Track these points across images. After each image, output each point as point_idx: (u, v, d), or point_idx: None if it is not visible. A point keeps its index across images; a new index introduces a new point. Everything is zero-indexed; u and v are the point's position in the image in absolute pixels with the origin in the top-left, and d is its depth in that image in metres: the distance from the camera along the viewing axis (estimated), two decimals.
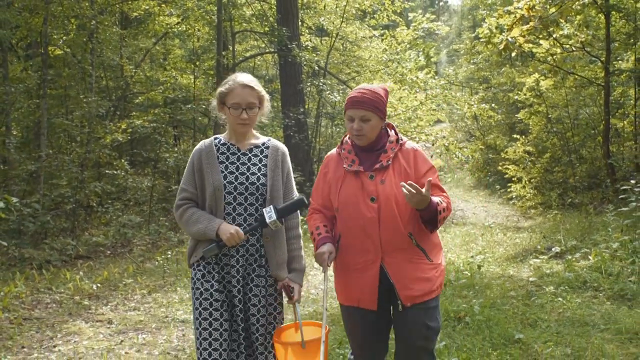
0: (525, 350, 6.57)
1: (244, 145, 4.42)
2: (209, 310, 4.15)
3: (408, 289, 4.13)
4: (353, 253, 4.26)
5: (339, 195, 4.31)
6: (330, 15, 23.47)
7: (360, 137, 4.26)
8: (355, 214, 4.20)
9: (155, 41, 22.16)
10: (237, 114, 4.26)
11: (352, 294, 4.32)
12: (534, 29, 14.86)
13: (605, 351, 6.38)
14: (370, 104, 4.19)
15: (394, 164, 4.26)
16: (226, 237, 4.08)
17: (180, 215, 4.32)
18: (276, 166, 4.41)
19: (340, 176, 4.35)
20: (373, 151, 4.33)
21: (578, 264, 10.23)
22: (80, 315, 8.93)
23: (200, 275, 4.25)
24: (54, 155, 15.83)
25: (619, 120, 19.14)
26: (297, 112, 19.31)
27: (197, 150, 4.40)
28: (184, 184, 4.36)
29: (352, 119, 4.24)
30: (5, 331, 8.08)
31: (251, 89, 4.30)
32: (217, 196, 4.24)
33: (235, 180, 4.27)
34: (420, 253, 4.19)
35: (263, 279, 4.29)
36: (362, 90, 4.26)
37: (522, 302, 8.50)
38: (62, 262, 12.39)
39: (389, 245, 4.15)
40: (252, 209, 4.28)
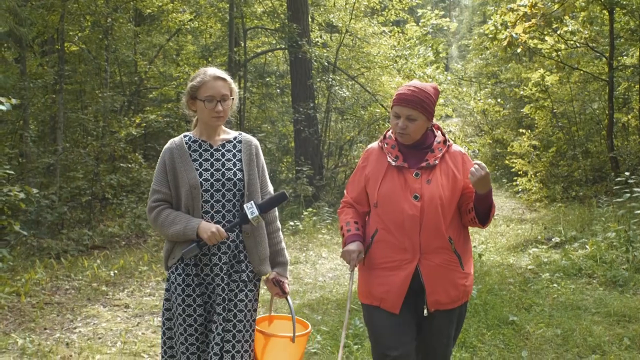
0: (518, 331, 7.01)
1: (216, 141, 4.31)
2: (194, 316, 4.06)
3: (437, 294, 4.02)
4: (388, 250, 4.11)
5: (379, 189, 4.15)
6: (339, 12, 23.77)
7: (404, 135, 4.12)
8: (396, 210, 4.06)
9: (168, 37, 22.53)
10: (212, 106, 4.14)
11: (374, 293, 4.16)
12: (537, 25, 15.24)
13: (593, 332, 6.82)
14: (419, 104, 4.05)
15: (441, 164, 4.13)
16: (207, 236, 3.98)
17: (155, 218, 4.18)
18: (251, 160, 4.31)
19: (382, 170, 4.19)
20: (418, 149, 4.19)
21: (575, 253, 10.63)
22: (98, 300, 9.38)
23: (181, 280, 4.10)
24: (70, 149, 16.28)
25: (623, 115, 19.43)
26: (307, 107, 19.62)
27: (168, 149, 4.25)
28: (156, 185, 4.22)
29: (398, 116, 4.11)
30: (28, 314, 8.53)
31: (223, 80, 4.21)
32: (193, 195, 4.12)
33: (211, 177, 4.17)
34: (456, 260, 4.06)
35: (244, 274, 4.16)
36: (412, 88, 4.11)
37: (519, 288, 8.94)
38: (79, 251, 12.80)
39: (428, 246, 4.02)
40: (230, 205, 4.18)
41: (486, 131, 31.31)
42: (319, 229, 15.38)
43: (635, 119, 18.83)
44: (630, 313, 7.41)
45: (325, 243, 13.73)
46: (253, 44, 24.81)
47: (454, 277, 4.06)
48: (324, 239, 14.27)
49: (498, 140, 28.75)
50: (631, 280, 8.73)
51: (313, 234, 14.82)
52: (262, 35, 24.95)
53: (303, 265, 11.77)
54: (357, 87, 22.64)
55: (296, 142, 20.64)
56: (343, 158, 23.24)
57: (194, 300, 4.07)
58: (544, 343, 6.64)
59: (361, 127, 23.20)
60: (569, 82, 21.00)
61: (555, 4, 14.99)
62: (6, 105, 8.60)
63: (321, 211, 16.93)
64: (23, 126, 15.67)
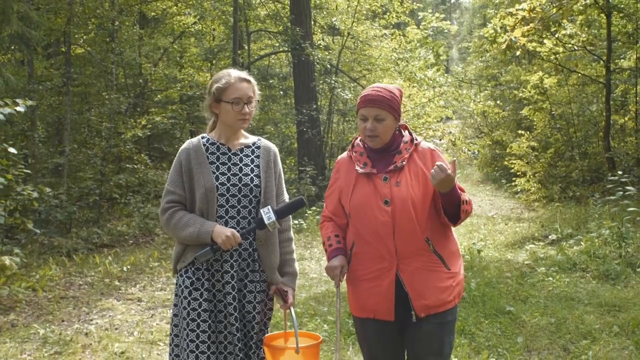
0: (514, 320, 7.39)
1: (235, 145, 4.21)
2: (197, 321, 3.94)
3: (423, 299, 3.86)
4: (366, 261, 3.98)
5: (351, 199, 4.03)
6: (342, 15, 24.12)
7: (374, 138, 3.99)
8: (368, 219, 3.93)
9: (172, 40, 22.88)
10: (239, 108, 4.05)
11: (367, 306, 4.02)
12: (535, 29, 15.60)
13: (584, 320, 7.20)
14: (386, 103, 3.94)
15: (409, 165, 3.98)
16: (221, 240, 3.86)
17: (168, 219, 4.06)
18: (268, 167, 4.22)
19: (352, 180, 4.07)
20: (386, 153, 4.05)
21: (571, 249, 11.03)
22: (111, 294, 9.75)
23: (189, 282, 3.99)
24: (77, 150, 16.66)
25: (620, 117, 19.75)
26: (309, 109, 19.93)
27: (185, 150, 4.15)
28: (171, 185, 4.10)
29: (366, 118, 3.98)
30: (45, 308, 8.92)
31: (248, 82, 4.14)
32: (209, 198, 4.02)
33: (228, 181, 4.06)
34: (438, 260, 3.90)
35: (257, 284, 4.07)
36: (377, 89, 4.01)
37: (516, 281, 9.32)
38: (88, 250, 13.15)
39: (404, 251, 3.87)
40: (245, 212, 4.08)
41: (486, 133, 31.60)
42: None
43: (632, 121, 19.15)
44: (620, 303, 7.80)
45: None
46: (257, 47, 25.15)
47: (439, 278, 3.89)
48: None
49: (497, 141, 29.04)
50: (623, 273, 9.13)
51: (316, 232, 15.18)
52: (266, 38, 25.30)
53: (308, 262, 12.16)
54: (359, 89, 22.96)
55: (299, 143, 20.97)
56: None
57: (199, 304, 3.96)
58: (538, 330, 7.02)
59: None
60: (567, 85, 21.31)
61: (554, 8, 15.30)
62: (22, 106, 8.94)
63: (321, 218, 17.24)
64: (31, 127, 16.03)
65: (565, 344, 6.61)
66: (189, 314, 3.94)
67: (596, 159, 20.02)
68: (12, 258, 8.99)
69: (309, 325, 7.64)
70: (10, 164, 10.02)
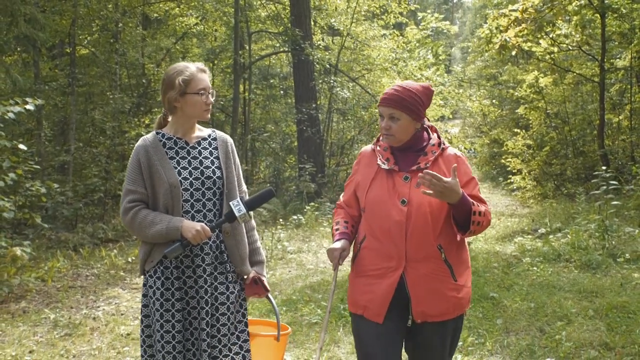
0: (496, 305, 7.86)
1: (191, 138, 4.15)
2: (172, 322, 3.87)
3: (423, 305, 3.79)
4: (374, 257, 3.90)
5: (367, 193, 3.97)
6: (341, 16, 24.52)
7: (389, 136, 3.95)
8: (382, 216, 3.86)
9: (175, 41, 23.28)
10: (205, 99, 4.02)
11: (359, 301, 3.96)
12: (528, 30, 16.01)
13: (562, 305, 7.67)
14: (400, 103, 3.86)
15: (433, 168, 3.85)
16: (192, 235, 3.80)
17: (132, 219, 3.92)
18: (227, 158, 4.19)
19: (372, 174, 4.01)
20: (411, 152, 3.98)
21: (558, 241, 11.49)
22: (117, 284, 10.21)
23: (160, 284, 3.90)
24: (83, 148, 17.13)
25: (615, 116, 20.15)
26: (309, 108, 20.36)
27: (141, 146, 4.04)
28: (131, 184, 3.98)
29: (382, 116, 3.96)
30: (54, 296, 9.39)
31: (205, 72, 4.12)
32: (174, 194, 3.93)
33: (190, 175, 4.00)
34: (446, 270, 3.80)
35: (228, 275, 4.06)
36: (396, 87, 3.94)
37: (502, 271, 9.78)
38: (94, 244, 13.57)
39: (414, 254, 3.78)
40: (210, 205, 4.04)
41: (485, 132, 31.97)
42: (321, 222, 16.18)
43: (627, 120, 19.53)
44: (597, 290, 8.24)
45: (326, 235, 14.48)
46: (257, 47, 25.52)
47: (443, 288, 3.80)
48: (325, 231, 15.05)
49: (495, 140, 29.44)
50: (604, 263, 9.59)
51: (315, 227, 15.64)
52: (266, 38, 25.67)
53: (305, 254, 12.62)
54: (358, 88, 23.44)
55: (299, 142, 21.40)
56: (344, 157, 24.07)
57: (172, 305, 3.89)
58: (518, 314, 7.47)
59: (362, 127, 23.98)
60: (562, 84, 21.72)
61: (547, 9, 15.69)
62: (31, 105, 9.38)
63: (323, 206, 17.69)
64: (37, 126, 16.47)
65: (542, 325, 7.06)
66: (162, 316, 3.87)
67: (590, 157, 20.40)
68: (23, 249, 9.43)
69: (304, 310, 8.13)
70: (20, 160, 10.45)
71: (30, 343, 7.14)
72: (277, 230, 14.53)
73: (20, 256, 9.26)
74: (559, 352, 6.17)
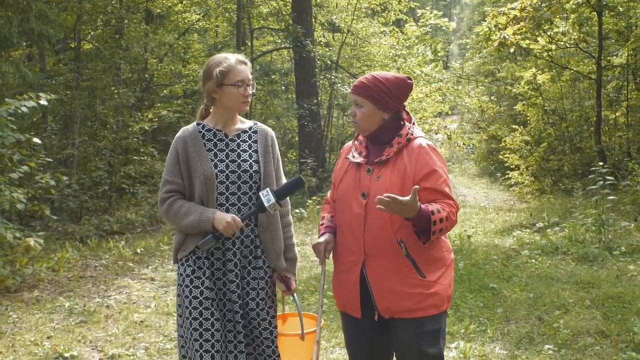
0: (496, 295, 8.16)
1: (231, 130, 4.14)
2: (199, 309, 3.87)
3: (385, 300, 3.77)
4: (341, 252, 3.96)
5: (338, 187, 4.04)
6: (342, 13, 24.77)
7: (354, 124, 4.01)
8: (346, 210, 3.91)
9: (177, 36, 23.49)
10: (243, 91, 4.00)
11: (339, 297, 4.04)
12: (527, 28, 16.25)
13: (560, 295, 7.96)
14: (364, 90, 3.87)
15: (395, 159, 3.84)
16: (223, 227, 3.81)
17: (168, 209, 4.00)
18: (267, 152, 4.17)
19: (344, 167, 4.06)
20: (380, 143, 3.97)
21: (555, 235, 11.78)
22: (126, 274, 10.48)
23: (190, 271, 3.94)
24: (88, 142, 17.38)
25: (611, 112, 20.38)
26: (310, 103, 20.62)
27: (181, 137, 4.08)
28: (168, 175, 4.04)
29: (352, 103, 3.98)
30: (66, 285, 9.67)
31: (246, 64, 4.10)
32: (208, 186, 3.95)
33: (227, 168, 4.00)
34: (409, 265, 3.73)
35: (261, 271, 4.06)
36: (366, 76, 3.97)
37: (501, 263, 10.06)
38: (100, 236, 13.81)
39: (372, 248, 3.78)
40: (246, 198, 4.03)
41: (483, 128, 32.20)
42: None
43: (624, 116, 19.77)
44: (594, 281, 8.54)
45: None
46: (259, 43, 25.73)
47: (406, 283, 3.74)
48: None
49: (493, 136, 29.68)
50: (600, 256, 9.87)
51: (316, 220, 15.90)
52: (268, 35, 25.90)
53: (308, 247, 12.89)
54: None
55: (300, 137, 21.67)
56: None
57: (201, 292, 3.90)
58: (517, 304, 7.76)
59: None
60: (560, 81, 21.96)
61: (545, 7, 15.90)
62: (44, 100, 9.62)
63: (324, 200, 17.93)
64: (43, 120, 16.71)
65: (541, 314, 7.35)
66: (191, 302, 3.88)
67: (587, 153, 20.63)
68: (36, 240, 9.69)
69: (310, 299, 8.43)
70: (30, 153, 10.70)
71: (48, 329, 7.41)
72: None
73: (33, 246, 9.51)
74: (557, 339, 6.46)
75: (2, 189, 9.22)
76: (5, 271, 9.31)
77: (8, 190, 9.26)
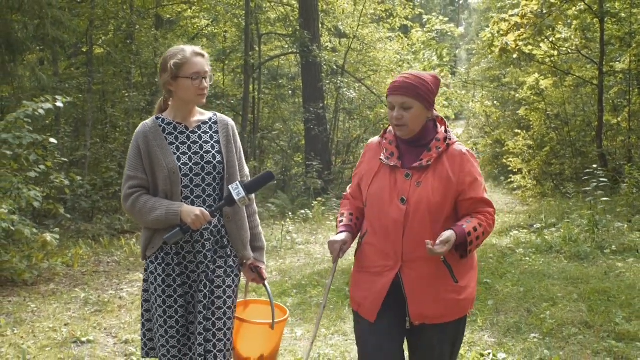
0: (489, 289, 8.59)
1: (191, 122, 4.08)
2: (175, 307, 3.89)
3: (420, 307, 3.72)
4: (372, 254, 3.84)
5: (369, 188, 3.88)
6: (348, 19, 25.18)
7: (401, 127, 3.78)
8: (381, 213, 3.78)
9: (186, 41, 23.87)
10: (199, 84, 3.92)
11: (355, 297, 3.95)
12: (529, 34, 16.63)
13: (549, 290, 8.38)
14: (413, 90, 3.71)
15: (435, 165, 3.76)
16: (191, 220, 3.75)
17: (133, 205, 3.91)
18: (228, 142, 4.12)
19: (375, 168, 3.92)
20: (416, 146, 3.85)
21: (551, 235, 12.20)
22: (137, 270, 10.90)
23: (161, 270, 3.91)
24: (99, 144, 17.85)
25: (613, 117, 20.69)
26: (317, 107, 21.07)
27: (141, 132, 3.99)
28: (131, 170, 3.95)
29: (393, 106, 3.79)
30: (81, 279, 10.13)
31: (203, 56, 4.00)
32: (172, 180, 3.89)
33: (190, 161, 3.95)
34: (446, 270, 3.71)
35: (228, 259, 4.04)
36: (406, 75, 3.79)
37: (496, 260, 10.49)
38: (111, 235, 14.22)
39: (411, 254, 3.70)
40: (210, 189, 4.00)
41: (488, 132, 32.48)
42: (327, 217, 16.92)
43: (625, 122, 20.05)
44: (584, 277, 8.95)
45: (332, 228, 15.06)
46: (267, 48, 26.05)
47: (441, 290, 3.72)
48: (331, 224, 15.74)
49: (498, 140, 29.97)
50: (592, 254, 10.30)
51: (321, 221, 16.39)
52: (276, 40, 26.23)
53: (313, 245, 13.37)
54: (364, 89, 24.10)
55: (306, 140, 22.08)
56: (350, 155, 24.76)
57: (174, 290, 3.90)
58: (508, 297, 8.19)
59: (367, 126, 24.59)
60: (562, 86, 22.28)
61: (547, 15, 16.26)
62: (59, 102, 10.06)
63: (329, 202, 18.37)
64: (55, 122, 17.17)
65: (530, 307, 7.76)
66: (164, 302, 3.88)
67: (589, 157, 20.88)
68: (52, 235, 10.14)
69: (312, 292, 8.88)
70: (46, 154, 11.14)
71: (65, 317, 7.89)
72: (287, 223, 15.23)
73: (50, 241, 9.96)
74: (543, 329, 6.88)
75: (20, 187, 9.67)
76: (23, 265, 9.76)
77: (26, 189, 9.71)
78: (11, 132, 9.39)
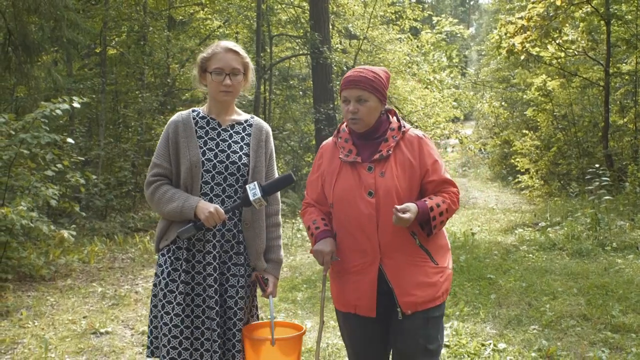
0: (492, 284, 8.88)
1: (225, 120, 3.98)
2: (173, 304, 3.72)
3: (409, 295, 3.69)
4: (349, 254, 3.80)
5: (334, 189, 3.85)
6: (358, 20, 25.39)
7: (356, 120, 3.78)
8: (352, 211, 3.75)
9: (199, 42, 24.17)
10: (220, 79, 3.82)
11: (348, 300, 3.85)
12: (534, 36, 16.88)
13: (550, 285, 8.67)
14: (367, 84, 3.74)
15: (395, 153, 3.78)
16: (205, 216, 3.63)
17: (152, 193, 3.85)
18: (259, 146, 3.98)
19: (336, 168, 3.89)
20: (372, 140, 3.86)
21: (555, 233, 12.48)
22: (151, 266, 11.22)
23: (170, 263, 3.80)
24: (113, 144, 18.17)
25: (619, 118, 20.87)
26: (327, 108, 21.28)
27: (173, 122, 3.92)
28: (157, 158, 3.88)
29: (348, 100, 3.78)
30: (97, 275, 10.45)
31: (235, 53, 3.88)
32: (193, 173, 3.81)
33: (215, 157, 3.84)
34: (424, 254, 3.73)
35: (241, 268, 3.88)
36: (359, 69, 3.82)
37: (500, 257, 10.79)
38: (125, 233, 14.55)
39: (388, 245, 3.71)
40: (231, 191, 3.86)
41: (497, 133, 32.66)
42: None
43: (632, 123, 20.22)
44: (584, 273, 9.25)
45: None
46: (278, 50, 26.32)
47: (426, 273, 3.73)
48: None
49: (506, 141, 30.17)
50: (593, 251, 10.60)
51: None
52: (287, 41, 26.48)
53: None
54: None
55: (317, 140, 22.23)
56: None
57: (177, 286, 3.75)
58: (510, 291, 8.48)
59: None
60: (569, 87, 22.47)
61: (553, 17, 16.49)
62: (76, 103, 10.36)
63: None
64: (70, 122, 17.49)
65: (530, 300, 8.06)
66: (165, 296, 3.75)
67: (596, 158, 21.07)
68: (69, 232, 10.46)
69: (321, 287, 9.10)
70: (63, 153, 11.45)
71: (83, 310, 8.21)
72: (297, 221, 15.53)
73: (67, 238, 10.28)
74: (542, 321, 7.16)
75: (37, 185, 9.99)
76: (40, 262, 10.09)
77: (43, 187, 10.03)
78: (29, 132, 9.66)
